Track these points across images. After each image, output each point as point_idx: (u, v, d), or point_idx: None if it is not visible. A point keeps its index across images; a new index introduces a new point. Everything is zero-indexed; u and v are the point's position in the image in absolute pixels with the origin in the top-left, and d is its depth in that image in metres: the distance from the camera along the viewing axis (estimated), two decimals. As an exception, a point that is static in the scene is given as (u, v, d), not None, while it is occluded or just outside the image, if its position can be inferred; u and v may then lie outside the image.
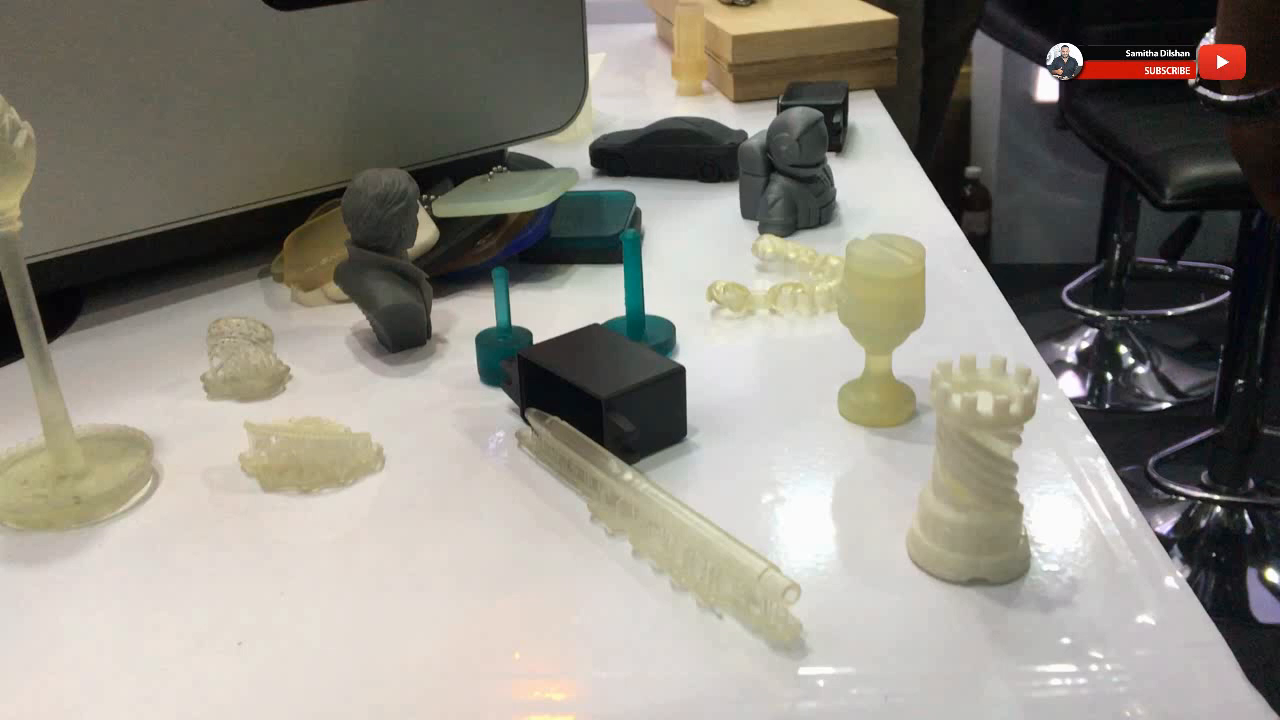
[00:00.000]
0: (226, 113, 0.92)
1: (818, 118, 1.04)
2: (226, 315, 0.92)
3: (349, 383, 0.83)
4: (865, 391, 0.77)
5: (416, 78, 1.02)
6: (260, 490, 0.70)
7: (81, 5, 0.83)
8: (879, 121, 1.34)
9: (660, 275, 0.98)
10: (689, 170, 1.17)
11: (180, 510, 0.69)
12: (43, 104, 0.83)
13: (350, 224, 0.83)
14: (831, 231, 1.05)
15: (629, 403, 0.71)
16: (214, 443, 0.75)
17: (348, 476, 0.71)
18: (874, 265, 0.72)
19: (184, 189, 0.92)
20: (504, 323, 0.81)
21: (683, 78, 1.44)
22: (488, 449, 0.74)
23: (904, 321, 0.74)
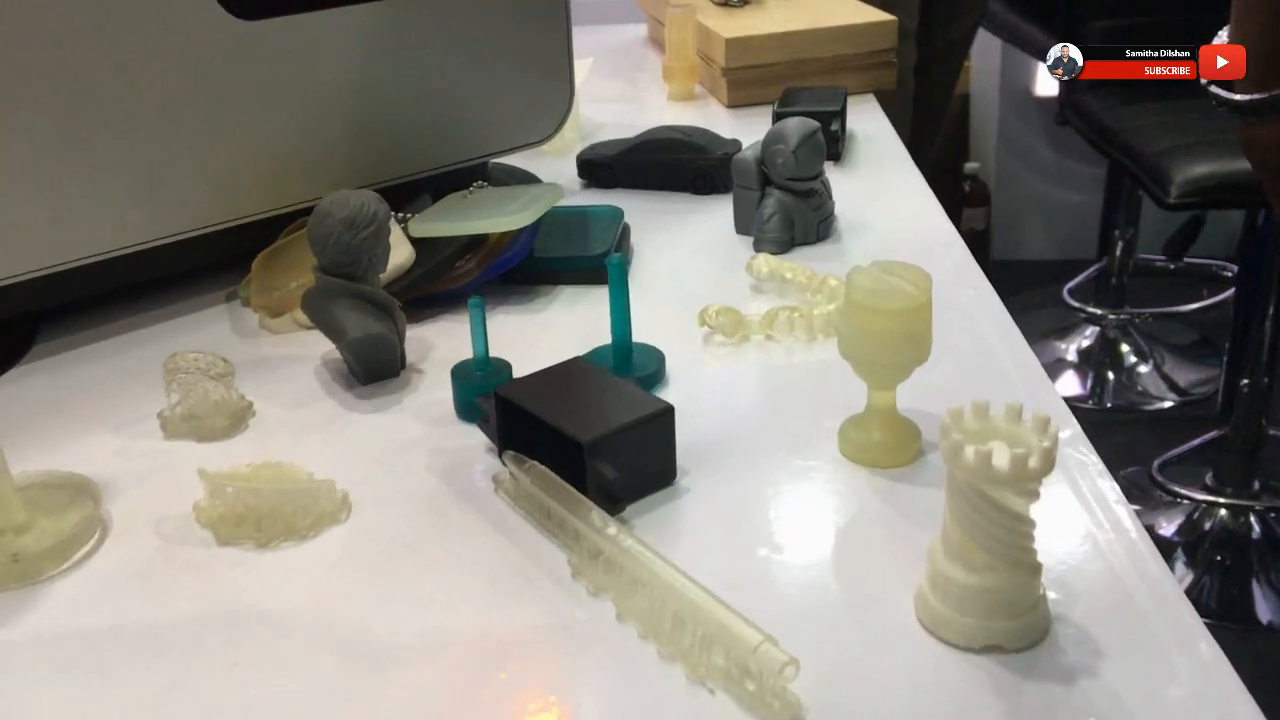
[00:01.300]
0: (189, 128, 0.87)
1: (815, 128, 0.99)
2: (190, 344, 0.87)
3: (316, 419, 0.78)
4: (867, 429, 0.72)
5: (392, 88, 0.97)
6: (215, 543, 0.65)
7: (29, 14, 0.78)
8: (878, 127, 1.28)
9: (650, 296, 0.93)
10: (680, 182, 1.12)
11: (128, 567, 0.64)
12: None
13: (317, 249, 0.78)
14: (830, 248, 1.00)
15: (613, 446, 0.66)
16: (168, 488, 0.69)
17: (309, 528, 0.66)
18: (876, 295, 0.67)
19: (144, 209, 0.87)
20: (481, 354, 0.76)
21: (675, 82, 1.39)
22: (463, 493, 0.69)
23: (908, 356, 0.69)
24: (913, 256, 0.97)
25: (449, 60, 0.99)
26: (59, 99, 0.81)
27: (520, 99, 1.04)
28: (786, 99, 1.21)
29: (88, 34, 0.80)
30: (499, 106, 1.03)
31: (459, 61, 0.99)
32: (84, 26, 0.80)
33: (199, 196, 0.89)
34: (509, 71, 1.03)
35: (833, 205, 1.03)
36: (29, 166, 0.81)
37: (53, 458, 0.74)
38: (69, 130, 0.82)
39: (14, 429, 0.77)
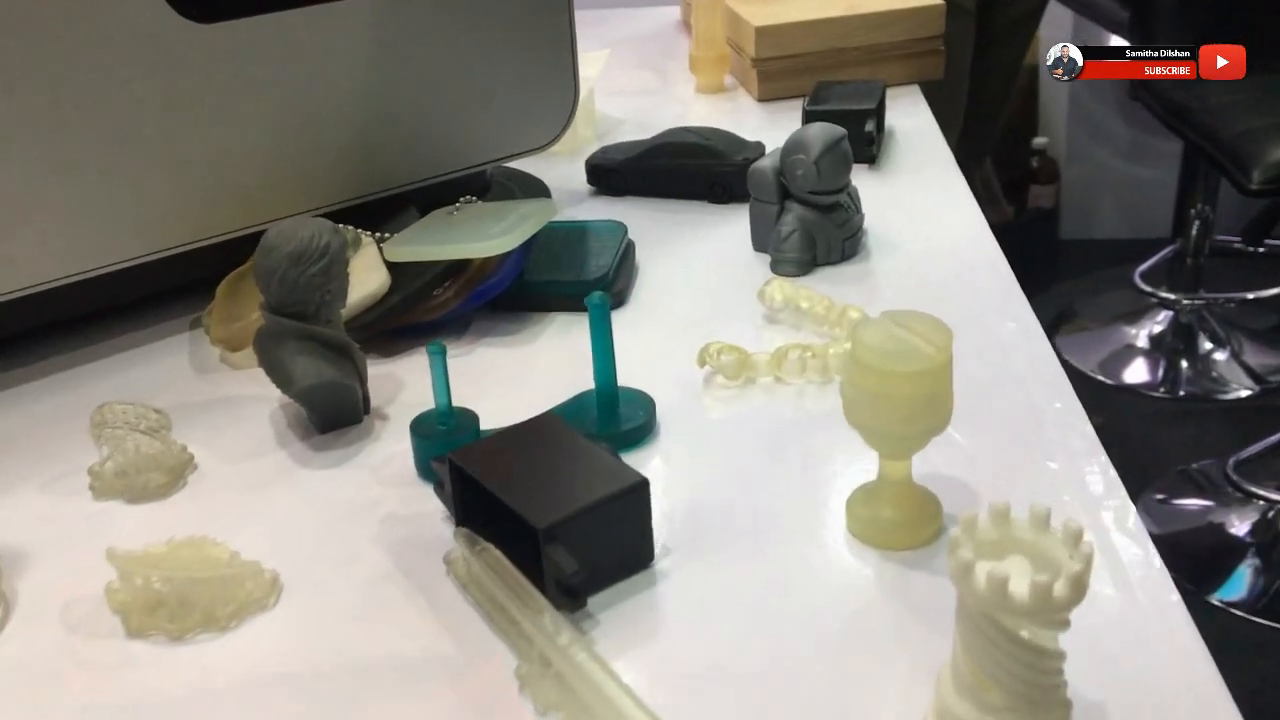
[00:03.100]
0: (146, 142, 0.79)
1: (839, 136, 0.88)
2: (145, 378, 0.81)
3: (261, 476, 0.69)
4: (878, 504, 0.62)
5: (373, 93, 0.88)
6: (124, 634, 0.57)
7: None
8: (921, 124, 1.17)
9: (649, 325, 0.84)
10: (696, 189, 1.02)
11: (23, 661, 0.57)
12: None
13: (261, 287, 0.69)
14: (856, 267, 0.90)
15: (575, 531, 0.57)
16: (84, 562, 0.62)
17: (231, 617, 0.58)
18: (886, 355, 0.57)
19: (100, 231, 0.79)
20: (444, 406, 0.68)
21: (703, 74, 1.28)
22: (411, 573, 0.61)
23: (925, 424, 0.59)
24: (950, 278, 0.88)
25: (436, 62, 0.90)
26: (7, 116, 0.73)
27: (518, 103, 0.95)
28: (817, 95, 1.10)
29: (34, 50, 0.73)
30: (493, 111, 0.94)
31: (447, 63, 0.90)
32: (32, 41, 0.72)
33: (160, 216, 0.81)
34: (504, 72, 0.93)
35: (861, 219, 0.92)
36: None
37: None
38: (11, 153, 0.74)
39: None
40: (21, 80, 0.73)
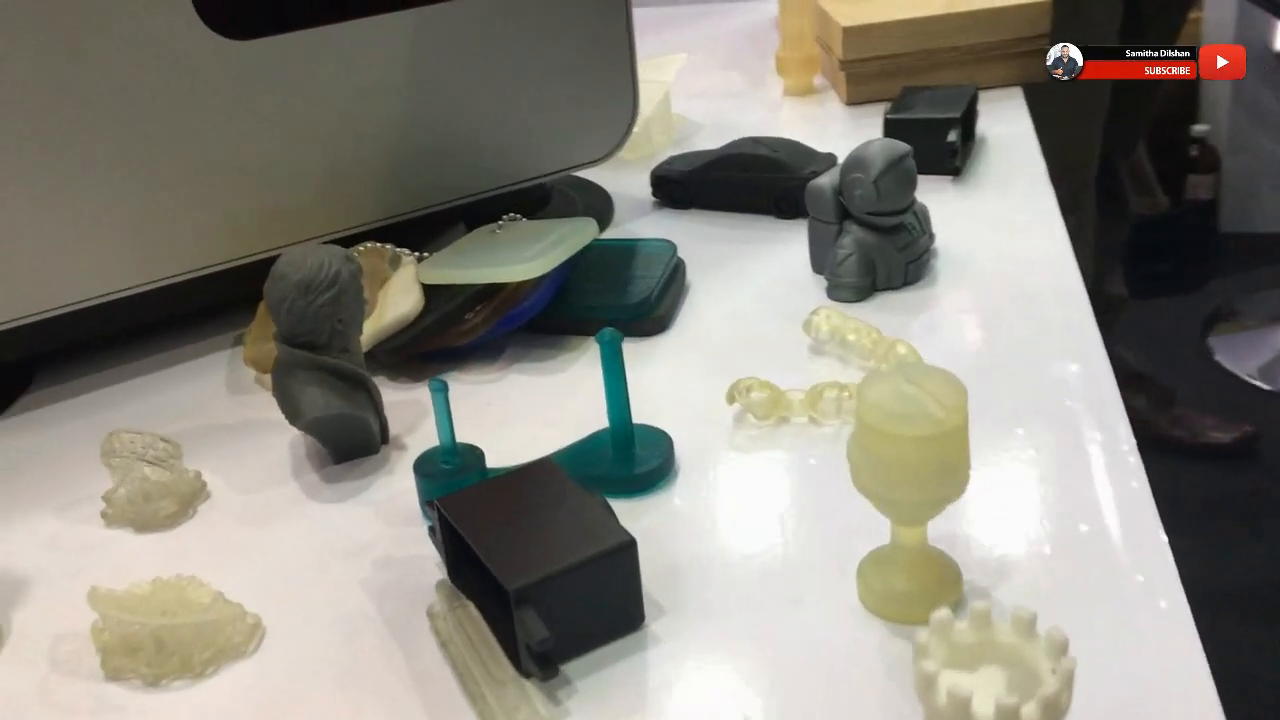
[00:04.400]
0: (190, 161, 0.79)
1: (903, 153, 0.82)
2: (182, 396, 0.81)
3: (267, 508, 0.68)
4: (890, 573, 0.57)
5: (418, 109, 0.86)
6: (99, 676, 0.57)
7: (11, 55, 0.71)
8: (1017, 130, 1.09)
9: (690, 353, 0.80)
10: (761, 204, 0.97)
11: (5, 702, 0.57)
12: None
13: (273, 316, 0.68)
14: (919, 294, 0.84)
15: (552, 593, 0.53)
16: (81, 593, 0.61)
17: (208, 663, 0.57)
18: (893, 417, 0.52)
19: (145, 249, 0.79)
20: (448, 444, 0.65)
21: (790, 75, 1.22)
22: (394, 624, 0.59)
23: (936, 492, 0.53)
24: (1019, 309, 0.81)
25: (485, 76, 0.87)
26: (41, 140, 0.73)
27: (573, 115, 0.92)
28: (901, 102, 1.04)
29: (68, 65, 0.73)
30: (546, 125, 0.91)
31: (498, 77, 0.88)
32: (63, 57, 0.72)
33: (206, 234, 0.81)
34: (558, 85, 0.90)
35: (929, 241, 0.86)
36: (18, 208, 0.74)
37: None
38: (55, 173, 0.74)
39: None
40: (60, 100, 0.73)
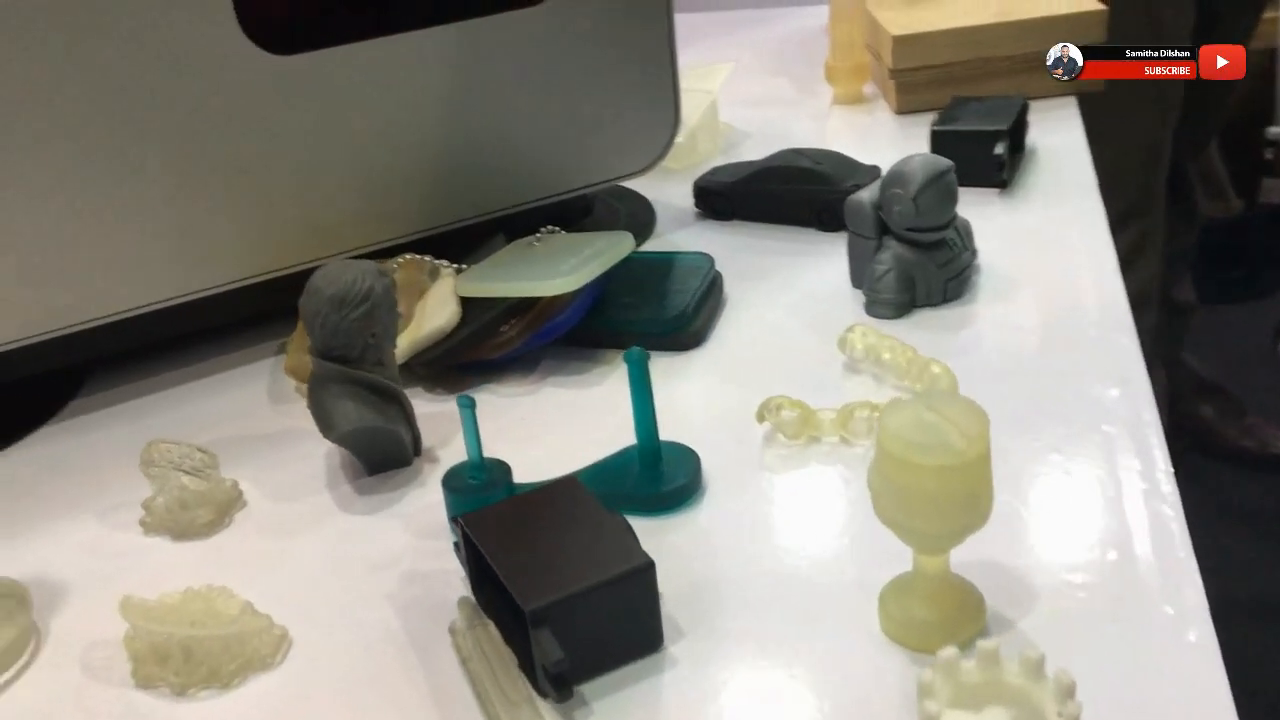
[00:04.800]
0: (230, 173, 0.80)
1: (944, 169, 0.81)
2: (225, 404, 0.82)
3: (300, 519, 0.69)
4: (911, 601, 0.56)
5: (458, 122, 0.86)
6: (130, 683, 0.58)
7: (62, 63, 0.72)
8: (1070, 142, 1.07)
9: (724, 369, 0.80)
10: (804, 216, 0.96)
11: (38, 706, 0.58)
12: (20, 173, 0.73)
13: (307, 329, 0.69)
14: (959, 311, 0.83)
15: (568, 614, 0.54)
16: (117, 600, 0.63)
17: (235, 674, 0.58)
18: (914, 446, 0.51)
19: (187, 261, 0.81)
20: (475, 459, 0.66)
21: (839, 84, 1.21)
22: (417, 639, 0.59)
23: (957, 522, 0.53)
24: (1061, 327, 0.80)
25: (526, 88, 0.87)
26: (90, 152, 0.75)
27: (614, 127, 0.92)
28: (948, 113, 1.02)
29: (118, 80, 0.74)
30: (587, 137, 0.91)
31: (538, 89, 0.88)
32: (114, 73, 0.74)
33: (250, 245, 0.82)
34: (599, 98, 0.90)
35: (971, 257, 0.85)
36: (69, 221, 0.76)
37: (31, 543, 0.69)
38: (101, 184, 0.76)
39: (5, 506, 0.74)
40: (107, 116, 0.75)
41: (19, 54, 0.71)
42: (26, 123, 0.73)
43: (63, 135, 0.74)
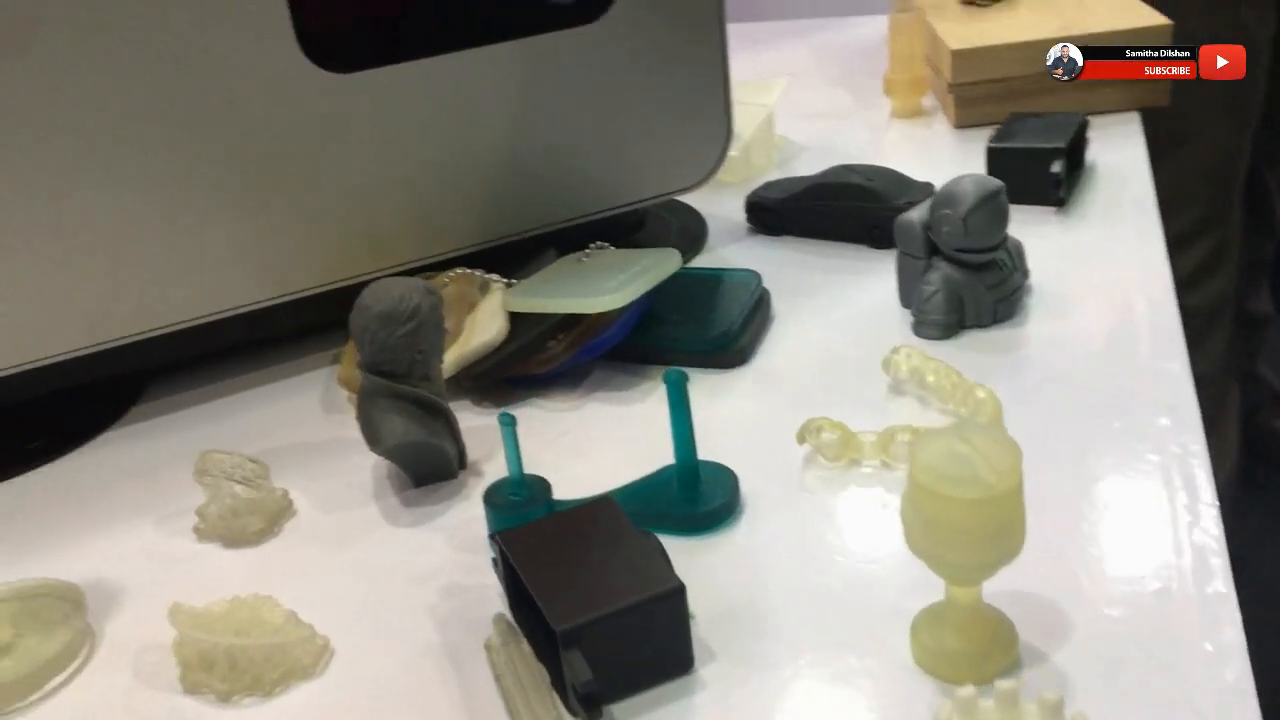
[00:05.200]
0: (285, 187, 0.82)
1: (995, 189, 0.80)
2: (280, 413, 0.85)
3: (347, 530, 0.71)
4: (943, 631, 0.56)
5: (511, 138, 0.88)
6: (177, 689, 0.60)
7: (129, 83, 0.75)
8: (1131, 159, 1.05)
9: (768, 388, 0.80)
10: (855, 232, 0.96)
11: (89, 708, 0.60)
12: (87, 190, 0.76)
13: (357, 345, 0.71)
14: (1009, 333, 0.82)
15: (598, 635, 0.54)
16: (168, 606, 0.65)
17: (277, 682, 0.59)
18: (945, 479, 0.51)
19: (245, 274, 0.83)
20: (515, 476, 0.67)
21: (898, 97, 1.20)
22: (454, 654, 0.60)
23: (990, 554, 0.53)
24: (1110, 352, 0.79)
25: (579, 103, 0.88)
26: (149, 167, 0.78)
27: (665, 143, 0.92)
28: (1006, 130, 1.01)
29: (177, 98, 0.77)
30: (638, 153, 0.92)
31: (590, 106, 0.89)
32: (174, 91, 0.76)
33: (307, 258, 0.84)
34: (650, 114, 0.91)
35: (1022, 278, 0.84)
36: (129, 235, 0.78)
37: (92, 547, 0.72)
38: (161, 198, 0.79)
39: (67, 509, 0.76)
40: (168, 132, 0.77)
41: (89, 75, 0.74)
42: (94, 140, 0.75)
43: (128, 152, 0.77)
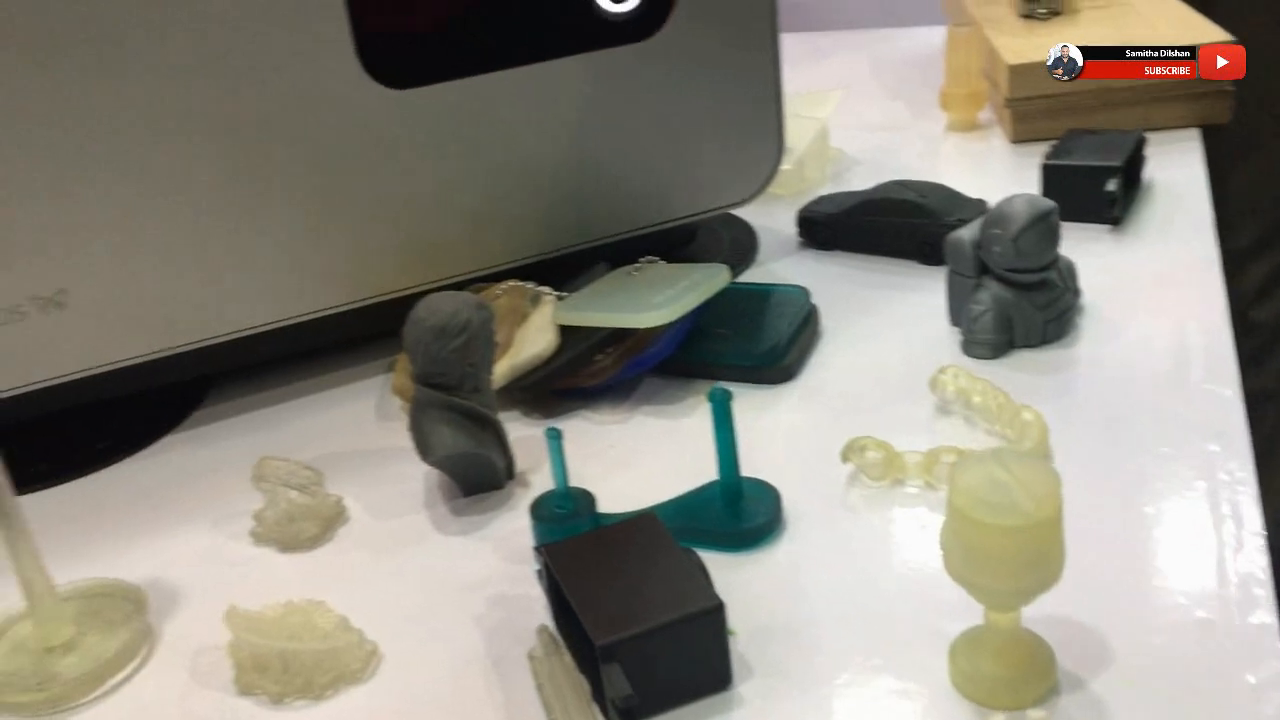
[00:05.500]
0: (343, 200, 0.84)
1: (1047, 210, 0.80)
2: (334, 419, 0.86)
3: (397, 537, 0.73)
4: (980, 656, 0.56)
5: (565, 153, 0.89)
6: (232, 689, 0.62)
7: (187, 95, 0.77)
8: (1189, 177, 1.04)
9: (814, 405, 0.81)
10: (907, 248, 0.96)
11: (146, 706, 0.62)
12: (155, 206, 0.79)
13: (410, 357, 0.72)
14: (1059, 354, 0.82)
15: (637, 650, 0.55)
16: (225, 608, 0.67)
17: (327, 686, 0.61)
18: (984, 505, 0.52)
19: (305, 283, 0.85)
20: (561, 489, 0.68)
21: (954, 110, 1.20)
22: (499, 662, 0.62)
23: (1028, 581, 0.53)
24: (1161, 374, 0.78)
25: (631, 119, 0.89)
26: (209, 181, 0.80)
27: (717, 157, 0.93)
28: (1061, 147, 1.01)
29: (240, 112, 0.79)
30: (690, 168, 0.93)
31: (643, 120, 0.90)
32: (237, 105, 0.79)
33: (365, 268, 0.86)
34: (703, 127, 0.92)
35: (1073, 298, 0.84)
36: (193, 247, 0.81)
37: (152, 549, 0.74)
38: (221, 210, 0.81)
39: (130, 510, 0.79)
40: (232, 149, 0.80)
41: (162, 95, 0.76)
42: (166, 159, 0.78)
43: (192, 168, 0.79)
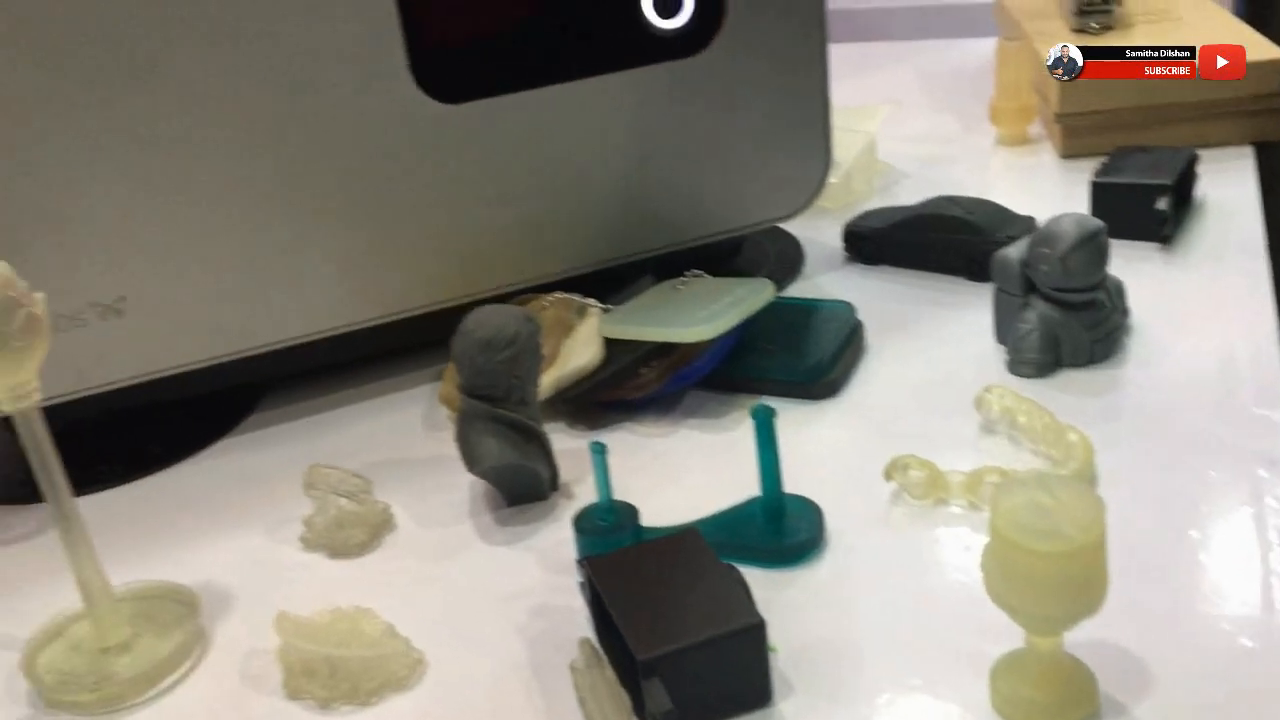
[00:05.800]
0: (396, 212, 0.86)
1: (1095, 229, 0.80)
2: (384, 426, 0.88)
3: (443, 546, 0.74)
4: (1020, 680, 0.56)
5: (612, 167, 0.90)
6: (281, 694, 0.63)
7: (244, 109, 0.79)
8: (1241, 194, 1.03)
9: (858, 422, 0.81)
10: (954, 264, 0.96)
11: (198, 708, 0.64)
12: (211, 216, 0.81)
13: (458, 368, 0.73)
14: (1106, 374, 0.81)
15: (678, 666, 0.56)
16: (275, 612, 0.68)
17: (373, 693, 0.62)
18: (1025, 530, 0.52)
19: (355, 293, 0.86)
20: (604, 502, 0.69)
21: (1004, 125, 1.20)
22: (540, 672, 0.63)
23: (1069, 608, 0.53)
24: (1215, 398, 0.78)
25: (679, 133, 0.90)
26: (263, 192, 0.82)
27: (764, 171, 0.94)
28: (1111, 164, 1.00)
29: (292, 125, 0.81)
30: (736, 182, 0.93)
31: (691, 134, 0.91)
32: (289, 118, 0.80)
33: (414, 279, 0.88)
34: (751, 142, 0.92)
35: (1121, 318, 0.83)
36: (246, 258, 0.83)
37: (206, 552, 0.76)
38: (274, 221, 0.83)
39: (183, 513, 0.81)
40: (286, 160, 0.81)
41: (219, 111, 0.78)
42: (217, 172, 0.80)
43: (248, 182, 0.81)
